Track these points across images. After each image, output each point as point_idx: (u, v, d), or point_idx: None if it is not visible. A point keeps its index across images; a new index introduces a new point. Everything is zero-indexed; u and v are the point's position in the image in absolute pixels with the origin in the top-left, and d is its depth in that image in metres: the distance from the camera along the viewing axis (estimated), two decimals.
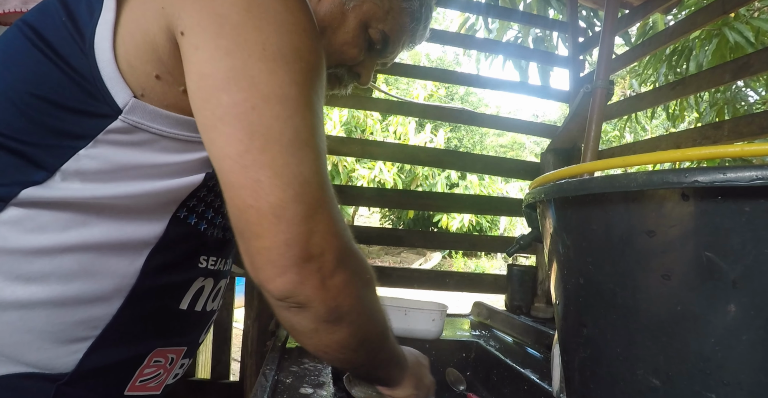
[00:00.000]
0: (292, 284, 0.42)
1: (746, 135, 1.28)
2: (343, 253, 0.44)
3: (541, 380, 0.80)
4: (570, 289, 0.42)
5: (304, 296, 0.43)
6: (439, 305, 1.05)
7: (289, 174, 0.41)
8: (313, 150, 0.43)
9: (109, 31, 0.45)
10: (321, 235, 0.42)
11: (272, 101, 0.41)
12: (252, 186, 0.41)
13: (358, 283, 0.47)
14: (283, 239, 0.41)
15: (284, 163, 0.41)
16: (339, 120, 8.75)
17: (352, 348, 0.50)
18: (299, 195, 0.41)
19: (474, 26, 3.00)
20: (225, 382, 1.84)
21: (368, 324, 0.50)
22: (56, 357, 0.47)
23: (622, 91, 7.87)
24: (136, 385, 0.53)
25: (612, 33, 1.11)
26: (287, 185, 0.41)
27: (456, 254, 10.81)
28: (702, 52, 2.68)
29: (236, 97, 0.41)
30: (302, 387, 0.72)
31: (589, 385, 0.40)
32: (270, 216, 0.41)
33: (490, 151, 15.75)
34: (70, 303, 0.46)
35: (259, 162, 0.41)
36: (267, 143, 0.41)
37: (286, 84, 0.42)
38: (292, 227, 0.41)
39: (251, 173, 0.41)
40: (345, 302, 0.45)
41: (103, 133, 0.46)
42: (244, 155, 0.41)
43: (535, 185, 0.46)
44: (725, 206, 0.29)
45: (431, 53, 19.72)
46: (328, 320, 0.46)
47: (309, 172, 0.42)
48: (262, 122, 0.41)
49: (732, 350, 0.29)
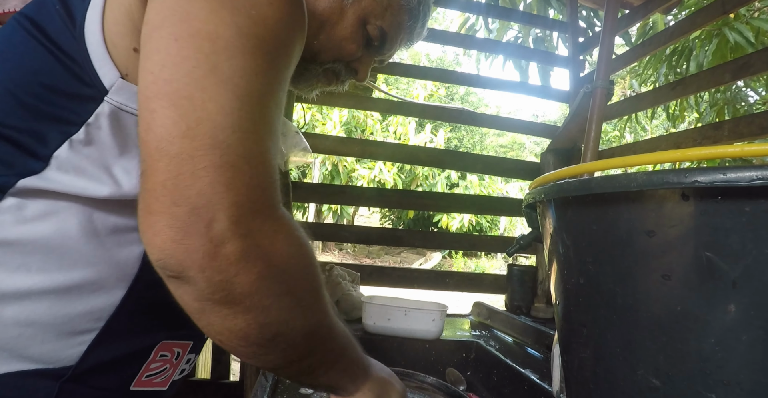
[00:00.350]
0: (164, 240, 0.34)
1: (746, 135, 1.28)
2: (245, 214, 0.35)
3: (541, 380, 0.80)
4: (570, 289, 0.42)
5: (177, 261, 0.34)
6: (439, 305, 1.05)
7: (187, 106, 0.35)
8: (233, 91, 0.36)
9: (98, 14, 0.45)
10: (210, 182, 0.34)
11: (200, 35, 0.37)
12: (146, 117, 0.36)
13: (269, 258, 0.37)
14: (161, 180, 0.34)
15: (187, 95, 0.35)
16: (339, 120, 8.76)
17: (255, 341, 0.39)
18: (192, 130, 0.34)
19: (474, 26, 3.00)
20: (225, 382, 1.84)
21: (282, 314, 0.39)
22: (59, 350, 0.46)
23: (622, 91, 7.87)
24: (143, 380, 0.53)
25: (612, 33, 1.11)
26: (180, 116, 0.35)
27: (456, 254, 10.81)
28: (702, 53, 2.68)
29: (163, 32, 0.37)
30: (302, 387, 0.72)
31: (589, 385, 0.40)
32: (153, 151, 0.35)
33: (490, 151, 15.76)
34: (73, 293, 0.46)
35: (161, 92, 0.36)
36: (174, 73, 0.36)
37: (224, 24, 0.37)
38: (171, 166, 0.34)
39: (150, 103, 0.36)
40: (239, 279, 0.36)
41: (93, 117, 0.45)
42: (150, 86, 0.36)
43: (535, 185, 0.46)
44: (725, 206, 0.29)
45: (431, 53, 19.74)
46: (212, 298, 0.36)
47: (216, 109, 0.35)
48: (180, 53, 0.36)
49: (732, 350, 0.29)
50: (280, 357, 0.42)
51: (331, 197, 1.95)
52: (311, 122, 8.62)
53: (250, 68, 0.38)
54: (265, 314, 0.38)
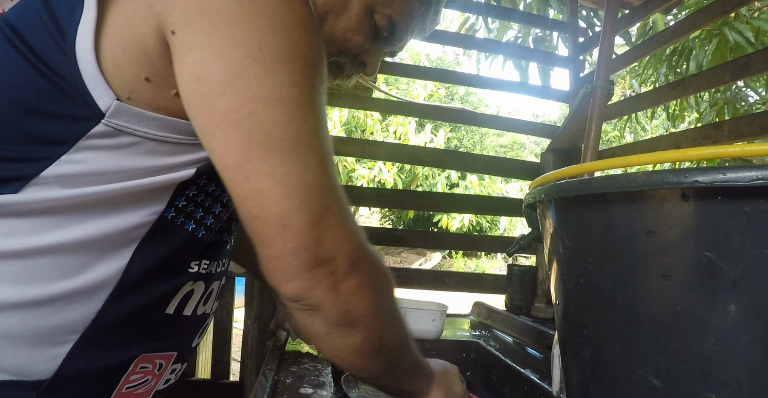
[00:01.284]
0: (302, 289, 0.42)
1: (746, 135, 1.28)
2: (356, 256, 0.44)
3: (541, 380, 0.80)
4: (570, 289, 0.42)
5: (315, 300, 0.43)
6: (439, 305, 1.05)
7: (292, 182, 0.40)
8: (316, 154, 0.42)
9: (90, 32, 0.43)
10: (330, 240, 0.42)
11: (270, 105, 0.40)
12: (255, 197, 0.40)
13: (374, 287, 0.46)
14: (291, 248, 0.41)
15: (286, 170, 0.40)
16: (339, 120, 8.75)
17: (368, 354, 0.48)
18: (304, 203, 0.40)
19: (474, 26, 3.00)
20: (225, 382, 1.85)
21: (385, 329, 0.49)
22: (34, 363, 0.45)
23: (622, 92, 7.87)
24: (123, 392, 0.51)
25: (612, 33, 1.11)
26: (290, 193, 0.40)
27: (456, 254, 10.81)
28: (702, 52, 2.68)
29: (232, 103, 0.39)
30: (302, 387, 0.72)
31: (589, 385, 0.40)
32: (276, 226, 0.41)
33: (490, 151, 15.75)
34: (47, 306, 0.44)
35: (261, 171, 0.40)
36: (267, 150, 0.40)
37: (285, 86, 0.40)
38: (298, 236, 0.41)
39: (253, 184, 0.40)
40: (358, 306, 0.45)
41: (85, 138, 0.43)
42: (244, 165, 0.40)
43: (535, 185, 0.46)
44: (725, 206, 0.29)
45: (431, 53, 19.73)
46: (340, 323, 0.45)
47: (313, 177, 0.41)
48: (260, 128, 0.40)
49: (732, 350, 0.29)
50: (383, 365, 0.51)
51: None
52: None
53: (317, 124, 0.42)
54: (374, 331, 0.47)
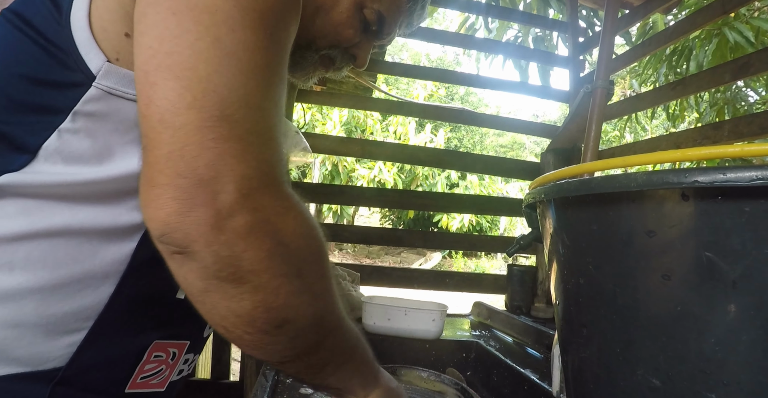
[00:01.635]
0: (168, 212, 0.32)
1: (746, 135, 1.28)
2: (255, 186, 0.34)
3: (541, 380, 0.80)
4: (570, 289, 0.42)
5: (182, 233, 0.33)
6: (439, 305, 1.05)
7: (191, 77, 0.34)
8: (238, 66, 0.35)
9: (85, 1, 0.44)
10: (219, 153, 0.33)
11: (198, 8, 0.35)
12: (147, 91, 0.34)
13: (277, 234, 0.35)
14: (166, 152, 0.33)
15: (190, 66, 0.34)
16: (339, 120, 8.76)
17: (261, 327, 0.36)
18: (197, 100, 0.33)
19: (474, 26, 3.00)
20: (225, 382, 1.85)
21: (292, 297, 0.37)
22: (48, 351, 0.45)
23: (622, 91, 7.87)
24: (138, 382, 0.51)
25: (612, 33, 1.11)
26: (185, 88, 0.34)
27: (456, 254, 10.81)
28: (702, 52, 2.68)
29: (160, 7, 0.36)
30: (302, 387, 0.72)
31: (589, 385, 0.40)
32: (156, 124, 0.33)
33: (490, 151, 15.76)
34: (59, 291, 0.44)
35: (162, 65, 0.34)
36: (176, 46, 0.35)
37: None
38: (177, 137, 0.33)
39: (150, 77, 0.34)
40: (248, 254, 0.34)
41: (81, 103, 0.44)
42: (149, 61, 0.35)
43: (535, 185, 0.46)
44: (725, 206, 0.29)
45: (431, 53, 19.74)
46: (219, 276, 0.34)
47: (222, 84, 0.34)
48: (179, 27, 0.35)
49: (732, 350, 0.29)
50: (287, 348, 0.39)
51: (331, 197, 1.95)
52: (311, 122, 8.62)
53: (252, 42, 0.37)
54: (273, 296, 0.36)
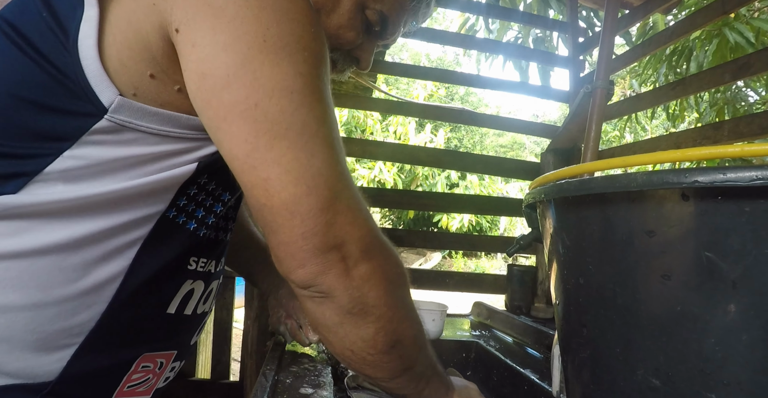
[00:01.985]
0: (313, 274, 0.43)
1: (746, 135, 1.28)
2: (368, 243, 0.44)
3: (541, 380, 0.80)
4: (570, 289, 0.42)
5: (326, 286, 0.43)
6: (439, 305, 1.05)
7: (299, 168, 0.41)
8: (323, 141, 0.42)
9: (93, 29, 0.43)
10: (340, 226, 0.42)
11: (276, 95, 0.40)
12: (263, 185, 0.41)
13: (386, 276, 0.46)
14: (300, 233, 0.41)
15: (293, 158, 0.41)
16: (339, 120, 8.76)
17: (381, 348, 0.47)
18: (312, 188, 0.41)
19: (474, 26, 3.00)
20: (225, 382, 1.84)
21: (400, 322, 0.48)
22: (38, 367, 0.45)
23: (622, 92, 7.86)
24: (124, 391, 0.52)
25: (612, 33, 1.11)
26: (297, 179, 0.41)
27: (456, 254, 10.80)
28: (702, 53, 2.68)
29: (237, 95, 0.40)
30: (302, 387, 0.72)
31: (589, 385, 0.40)
32: (284, 212, 0.41)
33: (490, 151, 15.75)
34: (51, 308, 0.44)
35: (267, 160, 0.40)
36: (273, 139, 0.40)
37: (290, 76, 0.41)
38: (307, 221, 0.41)
39: (261, 173, 0.41)
40: (371, 293, 0.45)
41: (88, 133, 0.44)
42: (251, 155, 0.40)
43: (535, 185, 0.46)
44: (725, 206, 0.29)
45: (431, 53, 19.73)
46: (352, 311, 0.45)
47: (320, 164, 0.42)
48: (267, 118, 0.40)
49: (732, 350, 0.29)
50: (398, 364, 0.50)
51: None
52: None
53: (324, 112, 0.43)
54: (389, 322, 0.47)
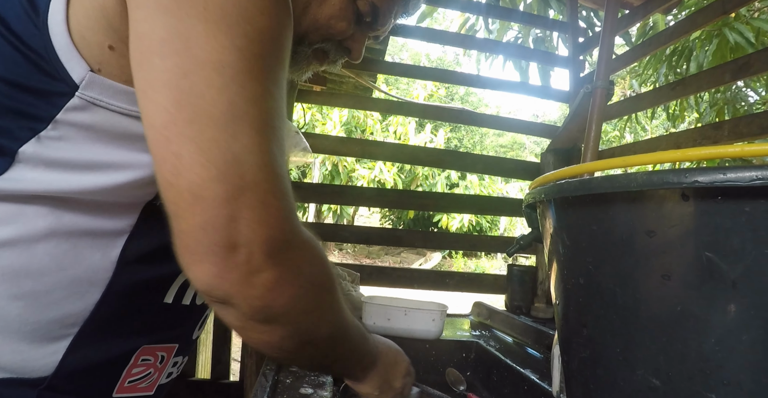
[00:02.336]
0: (209, 276, 0.37)
1: (746, 135, 1.28)
2: (276, 245, 0.39)
3: (541, 380, 0.80)
4: (570, 289, 0.42)
5: (222, 292, 0.38)
6: (439, 305, 1.05)
7: (214, 150, 0.36)
8: (251, 125, 0.38)
9: (62, 3, 0.42)
10: (246, 222, 0.37)
11: (207, 67, 0.37)
12: (173, 161, 0.37)
13: (298, 281, 0.41)
14: (199, 222, 0.36)
15: (211, 137, 0.36)
16: (339, 120, 8.76)
17: (289, 349, 0.45)
18: (222, 174, 0.36)
19: (474, 26, 3.00)
20: (225, 382, 1.85)
21: (311, 327, 0.45)
22: (33, 359, 0.44)
23: (622, 92, 7.87)
24: (125, 386, 0.51)
25: (612, 33, 1.11)
26: (210, 161, 0.36)
27: (456, 255, 10.81)
28: (702, 53, 2.68)
29: (168, 62, 0.37)
30: (302, 387, 0.72)
31: (589, 385, 0.40)
32: (186, 195, 0.36)
33: (490, 151, 15.76)
34: (43, 299, 0.44)
35: (184, 135, 0.36)
36: (195, 114, 0.36)
37: (226, 49, 0.37)
38: (208, 210, 0.36)
39: (173, 147, 0.37)
40: (276, 303, 0.40)
41: (63, 112, 0.42)
42: (168, 126, 0.37)
43: (535, 185, 0.46)
44: (725, 206, 0.29)
45: (431, 53, 19.74)
46: (254, 319, 0.41)
47: (241, 149, 0.37)
48: (193, 90, 0.37)
49: (732, 350, 0.29)
50: (307, 359, 0.50)
51: (331, 197, 1.95)
52: (311, 122, 8.62)
53: (259, 94, 0.39)
54: (296, 328, 0.44)
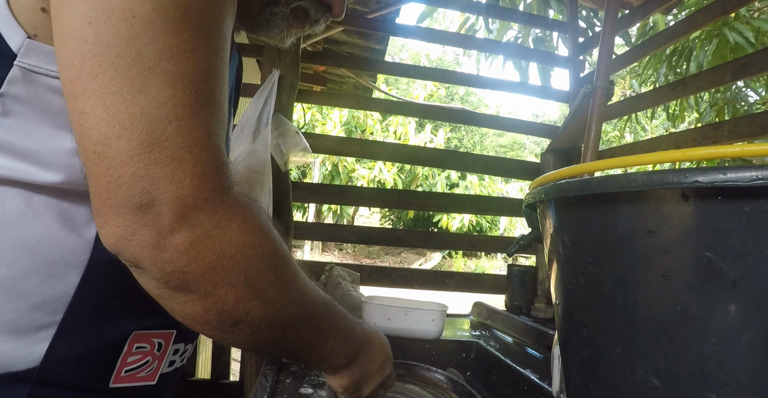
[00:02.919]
0: (115, 237, 0.35)
1: (746, 135, 1.28)
2: (191, 205, 0.36)
3: (541, 380, 0.80)
4: (570, 289, 0.42)
5: (130, 254, 0.36)
6: (439, 305, 1.05)
7: (118, 104, 0.34)
8: (161, 78, 0.35)
9: None
10: (152, 180, 0.34)
11: (115, 16, 0.34)
12: (78, 119, 0.35)
13: (219, 247, 0.37)
14: (105, 183, 0.34)
15: (115, 91, 0.34)
16: (339, 120, 8.76)
17: (217, 326, 0.40)
18: (126, 129, 0.34)
19: (474, 26, 3.00)
20: (225, 382, 1.85)
21: (243, 301, 0.40)
22: (18, 350, 0.43)
23: (622, 92, 7.87)
24: (122, 376, 0.49)
25: (612, 33, 1.11)
26: (113, 117, 0.34)
27: (456, 255, 10.81)
28: (702, 53, 2.68)
29: (76, 10, 0.34)
30: (302, 387, 0.72)
31: (589, 385, 0.40)
32: (91, 154, 0.34)
33: (490, 151, 15.76)
34: (20, 284, 0.42)
35: (88, 90, 0.34)
36: (100, 66, 0.34)
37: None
38: (112, 169, 0.34)
39: (79, 103, 0.34)
40: (190, 268, 0.37)
41: (5, 85, 0.40)
42: (74, 82, 0.34)
43: (535, 185, 0.46)
44: (725, 206, 0.29)
45: (431, 53, 19.73)
46: (169, 286, 0.37)
47: (148, 103, 0.34)
48: (98, 41, 0.34)
49: (732, 350, 0.29)
50: (246, 341, 0.43)
51: (331, 197, 1.95)
52: (311, 122, 8.62)
53: (177, 47, 0.36)
54: (221, 302, 0.39)
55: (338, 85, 3.11)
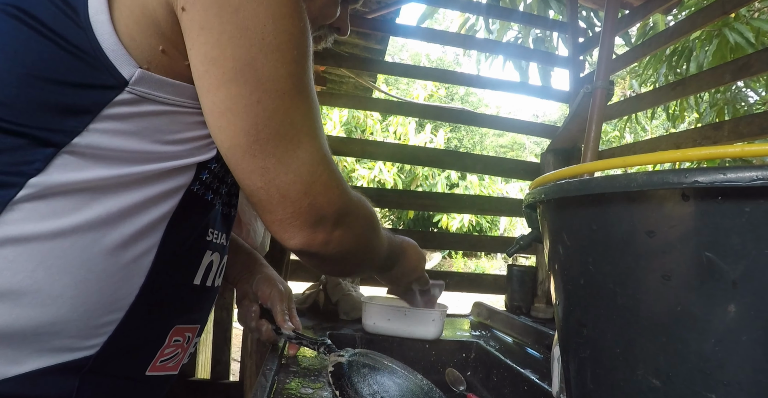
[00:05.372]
0: (303, 244, 0.53)
1: (746, 135, 1.28)
2: (340, 214, 0.54)
3: (541, 380, 0.80)
4: (570, 289, 0.42)
5: (314, 249, 0.54)
6: (439, 305, 1.05)
7: (290, 160, 0.49)
8: (308, 134, 0.50)
9: (102, 4, 0.45)
10: (320, 205, 0.52)
11: (273, 95, 0.47)
12: (260, 172, 0.48)
13: (355, 232, 0.58)
14: (290, 212, 0.51)
15: (285, 150, 0.48)
16: (339, 120, 8.75)
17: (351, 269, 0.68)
18: (298, 176, 0.49)
19: (474, 27, 3.00)
20: (225, 382, 1.85)
21: (365, 254, 0.65)
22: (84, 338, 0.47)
23: (622, 92, 7.87)
24: (157, 365, 0.55)
25: (612, 33, 1.11)
26: (288, 168, 0.49)
27: (456, 255, 10.80)
28: (702, 53, 2.68)
29: (243, 90, 0.46)
30: (302, 387, 0.72)
31: (589, 385, 0.40)
32: (277, 196, 0.49)
33: (490, 151, 15.75)
34: (94, 284, 0.47)
35: (266, 152, 0.48)
36: (272, 134, 0.48)
37: (284, 78, 0.47)
38: (295, 203, 0.50)
39: (259, 161, 0.48)
40: (344, 248, 0.56)
41: (109, 105, 0.46)
42: (252, 146, 0.47)
43: (535, 186, 0.46)
44: (725, 207, 0.29)
45: (431, 54, 19.73)
46: (334, 259, 0.57)
47: (306, 155, 0.50)
48: (266, 115, 0.47)
49: (732, 350, 0.29)
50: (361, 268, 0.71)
51: None
52: None
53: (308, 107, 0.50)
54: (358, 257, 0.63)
55: (338, 85, 3.11)
